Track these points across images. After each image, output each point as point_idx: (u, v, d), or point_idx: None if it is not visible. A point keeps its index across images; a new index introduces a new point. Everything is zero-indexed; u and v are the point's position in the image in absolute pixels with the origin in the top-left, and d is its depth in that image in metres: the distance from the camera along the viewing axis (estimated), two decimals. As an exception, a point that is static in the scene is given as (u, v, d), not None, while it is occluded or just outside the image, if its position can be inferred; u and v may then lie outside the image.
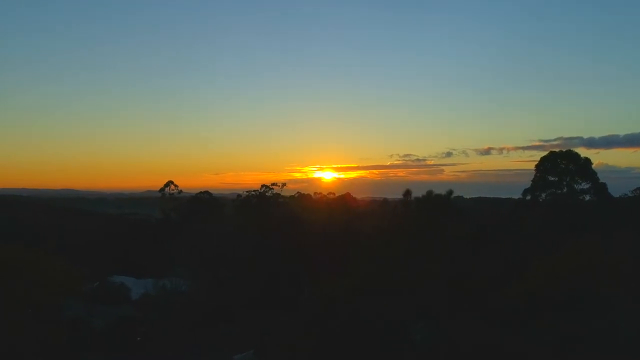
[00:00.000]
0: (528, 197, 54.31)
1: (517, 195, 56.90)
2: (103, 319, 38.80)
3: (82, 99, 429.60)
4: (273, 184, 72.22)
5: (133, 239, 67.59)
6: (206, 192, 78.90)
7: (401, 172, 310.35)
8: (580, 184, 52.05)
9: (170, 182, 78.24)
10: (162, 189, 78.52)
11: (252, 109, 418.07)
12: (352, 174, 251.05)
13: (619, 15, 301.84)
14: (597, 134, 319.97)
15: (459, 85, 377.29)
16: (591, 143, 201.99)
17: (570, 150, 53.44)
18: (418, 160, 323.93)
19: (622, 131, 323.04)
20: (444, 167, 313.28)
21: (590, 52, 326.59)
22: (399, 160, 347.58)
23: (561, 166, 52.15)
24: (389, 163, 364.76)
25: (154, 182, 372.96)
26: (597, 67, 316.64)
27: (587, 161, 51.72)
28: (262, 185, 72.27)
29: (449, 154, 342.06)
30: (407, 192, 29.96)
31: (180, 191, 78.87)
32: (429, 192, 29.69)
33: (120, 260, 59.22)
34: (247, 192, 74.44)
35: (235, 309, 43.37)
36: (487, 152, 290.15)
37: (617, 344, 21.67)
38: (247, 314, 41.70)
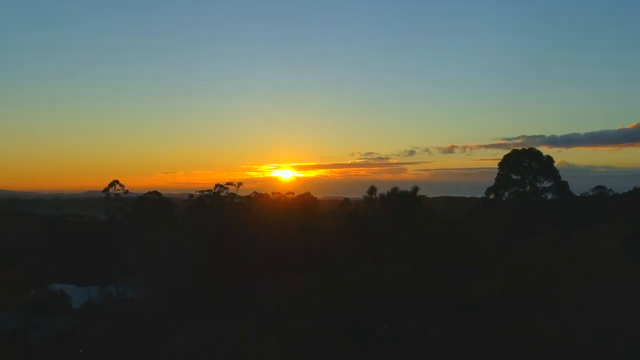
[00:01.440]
0: (491, 196, 56.03)
1: (481, 194, 58.70)
2: (41, 330, 37.15)
3: (19, 93, 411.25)
4: (228, 184, 71.72)
5: (74, 242, 65.15)
6: (155, 192, 77.26)
7: (363, 171, 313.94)
8: (543, 182, 54.15)
9: (115, 182, 76.19)
10: (106, 189, 76.35)
11: (205, 104, 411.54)
12: (312, 173, 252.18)
13: (581, 15, 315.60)
14: (559, 132, 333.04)
15: (421, 83, 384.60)
16: (553, 141, 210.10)
17: (532, 148, 55.52)
18: (380, 158, 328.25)
19: (583, 130, 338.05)
20: (406, 166, 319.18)
21: (551, 51, 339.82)
22: (360, 159, 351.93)
23: (524, 164, 54.09)
24: (350, 162, 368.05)
25: (97, 182, 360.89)
26: (559, 66, 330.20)
27: (550, 159, 53.95)
28: (216, 185, 71.64)
29: (411, 153, 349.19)
30: (372, 189, 30.33)
31: (127, 191, 76.97)
32: (394, 189, 30.15)
33: (60, 266, 57.02)
34: (200, 192, 73.88)
35: (190, 316, 42.48)
36: (450, 150, 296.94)
37: (576, 340, 22.58)
38: (203, 321, 40.98)
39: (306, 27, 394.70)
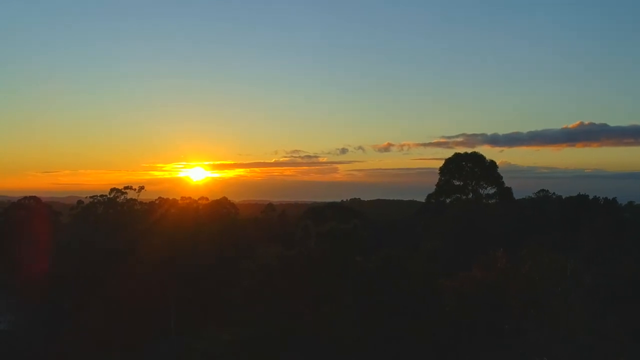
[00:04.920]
0: (432, 200, 58.03)
1: (419, 197, 60.72)
2: None
3: None
4: (126, 187, 69.61)
5: None
6: (32, 198, 73.38)
7: (288, 171, 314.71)
8: (486, 189, 56.59)
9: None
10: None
11: (96, 91, 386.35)
12: (229, 173, 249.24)
13: (519, 13, 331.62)
14: (501, 131, 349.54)
15: (355, 77, 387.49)
16: (495, 140, 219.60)
17: (475, 152, 57.66)
18: (308, 157, 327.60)
19: (525, 129, 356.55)
20: (338, 166, 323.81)
21: (492, 49, 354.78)
22: (285, 157, 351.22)
23: (466, 169, 56.26)
24: (273, 160, 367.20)
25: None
26: (500, 64, 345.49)
27: (493, 164, 56.35)
28: (112, 189, 69.26)
29: (343, 151, 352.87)
30: (306, 228, 30.86)
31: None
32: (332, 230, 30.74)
33: None
34: (91, 197, 71.16)
35: (78, 351, 40.83)
36: (386, 149, 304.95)
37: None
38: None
39: (225, 13, 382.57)
